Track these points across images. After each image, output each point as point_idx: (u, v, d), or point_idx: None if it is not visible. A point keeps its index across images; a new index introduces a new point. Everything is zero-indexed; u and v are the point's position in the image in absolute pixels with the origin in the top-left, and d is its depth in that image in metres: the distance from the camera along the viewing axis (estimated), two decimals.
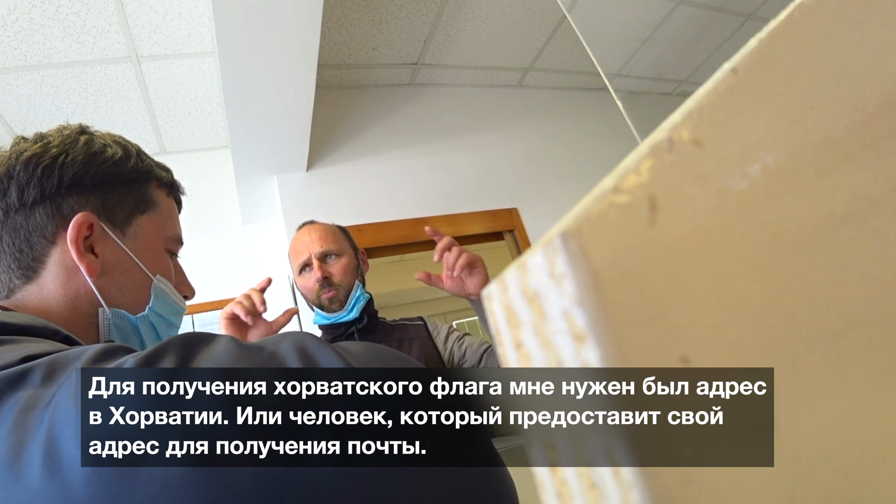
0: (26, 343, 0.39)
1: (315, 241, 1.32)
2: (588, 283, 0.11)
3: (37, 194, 0.53)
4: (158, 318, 0.61)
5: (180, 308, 0.65)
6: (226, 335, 0.36)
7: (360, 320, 1.32)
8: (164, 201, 0.64)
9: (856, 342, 0.14)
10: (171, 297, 0.63)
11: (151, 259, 0.60)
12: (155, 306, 0.60)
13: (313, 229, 1.35)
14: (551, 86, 3.26)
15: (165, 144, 2.68)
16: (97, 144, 0.58)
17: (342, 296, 1.29)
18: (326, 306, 1.29)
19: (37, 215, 0.53)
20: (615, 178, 0.13)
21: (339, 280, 1.30)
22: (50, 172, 0.53)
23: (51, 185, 0.53)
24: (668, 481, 0.11)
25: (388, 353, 0.38)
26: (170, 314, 0.63)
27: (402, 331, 1.39)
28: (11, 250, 0.53)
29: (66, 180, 0.54)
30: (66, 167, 0.54)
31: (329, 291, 1.28)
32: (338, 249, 1.32)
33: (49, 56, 2.01)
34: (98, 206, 0.56)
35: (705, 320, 0.12)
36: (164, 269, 0.62)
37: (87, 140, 0.58)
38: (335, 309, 1.29)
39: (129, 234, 0.59)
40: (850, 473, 0.13)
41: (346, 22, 2.35)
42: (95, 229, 0.55)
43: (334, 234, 1.36)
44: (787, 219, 0.15)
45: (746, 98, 0.16)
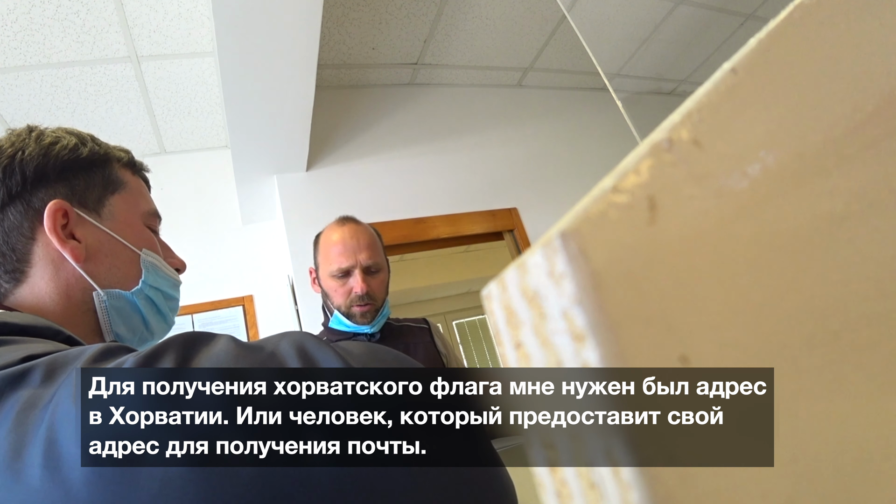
0: (28, 343, 0.39)
1: (363, 249, 1.25)
2: (587, 283, 0.11)
3: (4, 195, 0.53)
4: (155, 291, 0.61)
5: (175, 280, 0.65)
6: (225, 335, 0.36)
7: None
8: (130, 179, 0.64)
9: (855, 342, 0.14)
10: (162, 269, 0.62)
11: (133, 235, 0.60)
12: (148, 279, 0.60)
13: (361, 234, 1.28)
14: (551, 86, 3.26)
15: (165, 144, 2.69)
16: (49, 137, 0.58)
17: (374, 311, 1.25)
18: (356, 318, 1.24)
19: (10, 216, 0.53)
20: (615, 177, 0.13)
21: (377, 295, 1.26)
22: (11, 172, 0.53)
23: (15, 183, 0.53)
24: (668, 481, 0.11)
25: (388, 353, 0.38)
26: (166, 286, 0.62)
27: (408, 334, 1.36)
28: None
29: (29, 175, 0.54)
30: (25, 163, 0.54)
31: (364, 306, 1.23)
32: (381, 263, 1.28)
33: (48, 56, 2.01)
34: (67, 193, 0.56)
35: (705, 320, 0.12)
36: (148, 242, 0.62)
37: (38, 135, 0.57)
38: (364, 323, 1.25)
39: (104, 214, 0.58)
40: (850, 473, 0.13)
41: (345, 22, 2.35)
42: (71, 215, 0.55)
43: (378, 244, 1.31)
44: (787, 219, 0.15)
45: (746, 98, 0.16)
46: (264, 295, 2.68)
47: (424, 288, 4.94)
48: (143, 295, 0.59)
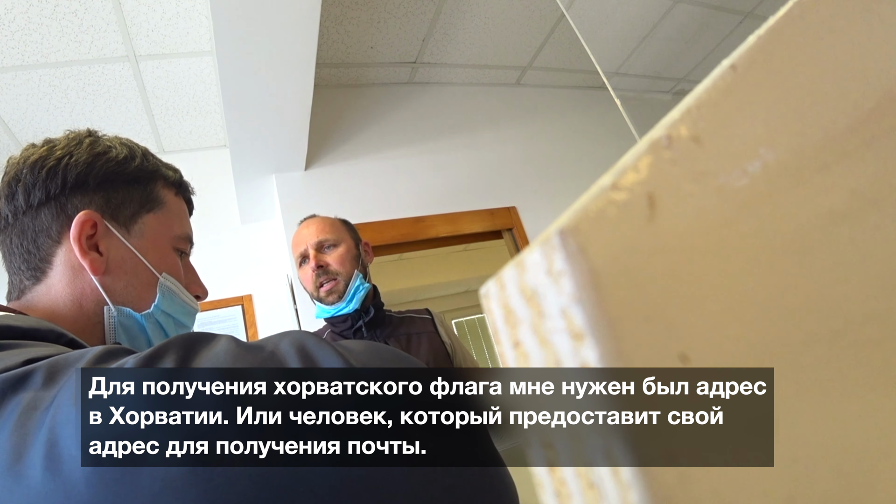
0: (30, 347, 0.39)
1: (312, 233, 1.32)
2: (586, 281, 0.11)
3: (42, 196, 0.54)
4: (166, 317, 0.61)
5: (191, 308, 0.64)
6: (226, 335, 0.36)
7: (366, 313, 1.29)
8: (171, 200, 0.64)
9: (856, 341, 0.14)
10: (179, 296, 0.62)
11: (157, 257, 0.60)
12: (161, 304, 0.60)
13: (311, 222, 1.36)
14: (550, 84, 3.26)
15: (164, 144, 2.68)
16: (102, 145, 0.59)
17: (341, 287, 1.27)
18: (324, 299, 1.28)
19: (42, 216, 0.55)
20: (614, 175, 0.13)
21: (337, 269, 1.28)
22: (54, 174, 0.55)
23: (55, 186, 0.55)
24: (667, 481, 0.11)
25: (389, 352, 0.38)
26: (179, 314, 0.62)
27: (410, 324, 1.36)
28: (20, 252, 0.55)
29: (70, 181, 0.55)
30: (69, 168, 0.55)
31: (327, 283, 1.27)
32: (335, 239, 1.32)
33: (46, 55, 2.01)
34: (102, 204, 0.57)
35: (704, 318, 0.12)
36: (170, 266, 0.62)
37: (92, 141, 0.59)
38: (332, 301, 1.27)
39: (134, 231, 0.59)
40: (850, 473, 0.13)
41: (344, 21, 2.35)
42: (99, 227, 0.56)
43: (332, 224, 1.36)
44: (787, 216, 0.14)
45: (745, 95, 0.16)
46: (263, 294, 2.68)
47: (423, 287, 4.94)
48: (153, 319, 0.59)
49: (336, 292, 1.27)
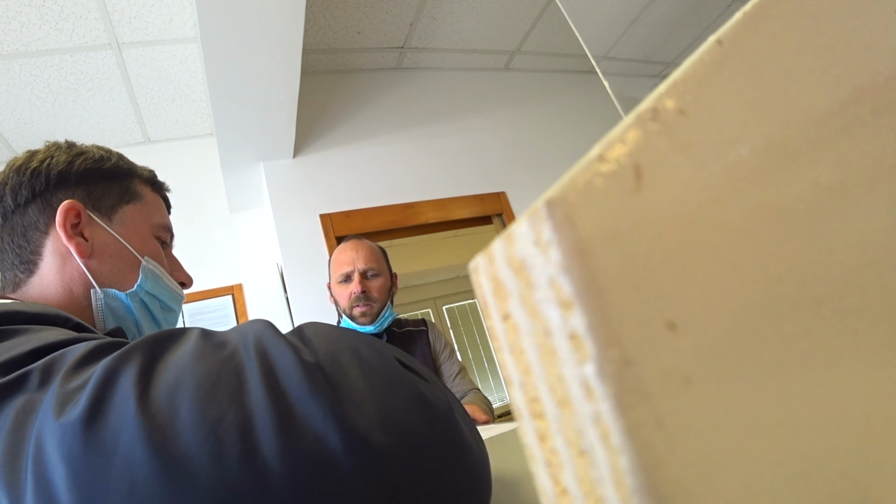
0: (39, 332, 0.41)
1: (361, 258, 1.50)
2: (574, 250, 0.11)
3: (28, 194, 0.60)
4: (151, 298, 0.64)
5: (176, 293, 0.68)
6: (197, 328, 0.36)
7: (379, 335, 1.50)
8: (149, 195, 0.69)
9: (838, 308, 0.14)
10: (162, 279, 0.66)
11: (139, 242, 0.65)
12: (144, 284, 0.63)
13: (360, 246, 1.53)
14: (539, 69, 3.25)
15: (150, 133, 2.65)
16: (79, 149, 0.65)
17: (374, 312, 1.47)
18: (356, 318, 1.47)
19: (30, 212, 0.59)
20: (601, 147, 0.13)
21: (376, 297, 1.48)
22: (38, 174, 0.60)
23: (39, 184, 0.60)
24: (657, 446, 0.11)
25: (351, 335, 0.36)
26: (164, 297, 0.66)
27: (409, 341, 1.57)
28: (13, 247, 0.59)
29: (53, 178, 0.60)
30: (52, 167, 0.61)
31: (363, 306, 1.46)
32: (378, 269, 1.51)
33: (26, 44, 1.97)
34: (84, 196, 0.62)
35: (691, 286, 0.12)
36: (152, 252, 0.66)
37: (70, 145, 0.65)
38: (364, 322, 1.46)
39: (115, 220, 0.64)
40: (833, 436, 0.13)
41: (330, 5, 2.32)
42: (83, 216, 0.60)
43: (377, 254, 1.54)
44: (773, 187, 0.15)
45: (732, 69, 0.16)
46: (253, 283, 2.67)
47: (413, 273, 4.94)
48: (138, 298, 0.63)
49: (369, 315, 1.47)
